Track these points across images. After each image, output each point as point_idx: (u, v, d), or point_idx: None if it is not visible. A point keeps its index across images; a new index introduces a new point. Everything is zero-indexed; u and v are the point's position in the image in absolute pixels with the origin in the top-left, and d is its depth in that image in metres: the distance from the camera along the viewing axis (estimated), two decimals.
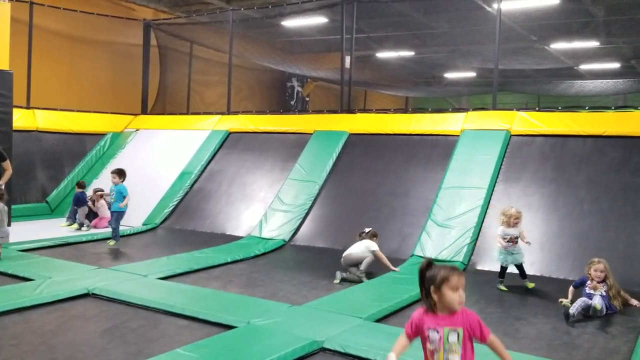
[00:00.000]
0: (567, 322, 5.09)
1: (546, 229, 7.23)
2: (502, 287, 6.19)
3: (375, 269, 6.65)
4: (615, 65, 17.17)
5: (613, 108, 8.99)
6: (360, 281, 6.36)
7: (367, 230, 6.95)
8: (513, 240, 6.14)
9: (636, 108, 8.78)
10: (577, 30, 13.93)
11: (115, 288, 5.63)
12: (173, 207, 9.87)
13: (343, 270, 6.57)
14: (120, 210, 7.97)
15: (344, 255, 6.70)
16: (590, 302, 5.22)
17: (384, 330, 4.65)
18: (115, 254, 7.63)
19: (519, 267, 6.21)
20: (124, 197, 7.93)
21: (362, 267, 6.48)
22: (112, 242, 7.93)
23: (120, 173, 8.09)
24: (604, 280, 5.46)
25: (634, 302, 5.58)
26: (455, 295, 2.68)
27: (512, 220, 6.12)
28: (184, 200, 9.99)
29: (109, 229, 8.94)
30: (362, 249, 6.66)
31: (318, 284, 6.32)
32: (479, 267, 7.08)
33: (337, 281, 6.41)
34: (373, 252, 6.62)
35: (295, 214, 8.78)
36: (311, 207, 8.90)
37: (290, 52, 17.38)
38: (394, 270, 6.68)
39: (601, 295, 5.34)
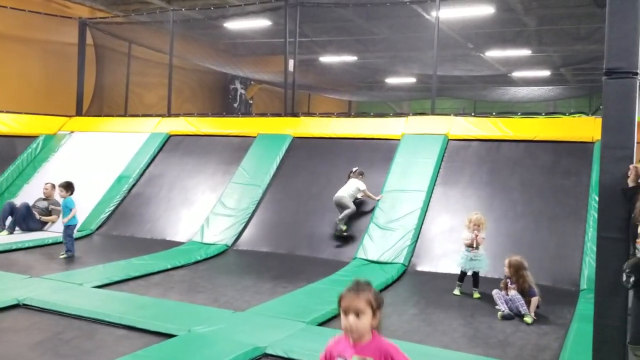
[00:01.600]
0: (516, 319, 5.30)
1: None
2: (457, 292, 6.16)
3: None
4: (546, 73, 17.98)
5: (544, 114, 9.39)
6: (343, 232, 7.87)
7: (354, 169, 8.27)
8: (472, 245, 6.11)
9: (565, 114, 9.20)
10: (511, 39, 14.51)
11: (48, 298, 5.41)
12: (110, 212, 9.56)
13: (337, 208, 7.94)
14: (69, 224, 7.65)
15: (335, 196, 7.98)
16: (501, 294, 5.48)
17: (327, 333, 4.65)
18: (48, 262, 7.33)
19: (475, 274, 6.18)
20: (71, 210, 7.63)
21: (341, 216, 7.88)
22: (63, 255, 7.56)
23: (68, 186, 7.76)
24: (511, 279, 5.50)
25: (528, 316, 5.30)
26: (344, 319, 2.33)
27: (472, 226, 6.10)
28: (122, 206, 9.70)
29: (39, 236, 8.68)
30: (353, 189, 7.99)
31: (261, 288, 6.29)
32: (418, 268, 7.24)
33: (338, 231, 7.87)
34: (362, 191, 8.02)
35: (238, 219, 8.70)
36: (255, 211, 8.84)
37: (234, 54, 17.23)
38: (378, 199, 8.07)
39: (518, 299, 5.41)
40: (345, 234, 7.93)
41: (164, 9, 13.03)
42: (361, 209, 8.27)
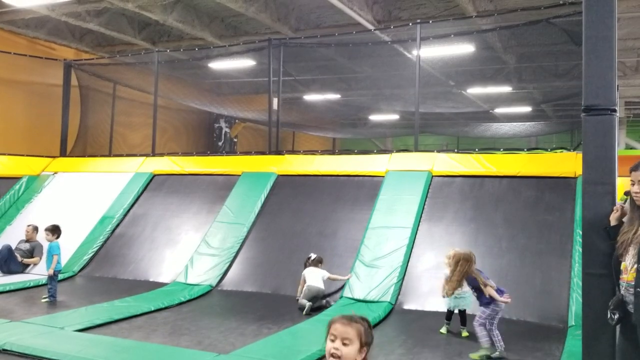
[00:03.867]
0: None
1: None
2: (443, 331, 6.11)
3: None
4: (527, 109, 18.30)
5: (526, 150, 9.52)
6: (329, 306, 7.23)
7: (312, 257, 7.60)
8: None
9: (546, 150, 9.33)
10: (491, 76, 14.82)
11: (28, 342, 5.27)
12: (93, 253, 9.41)
13: (308, 300, 7.08)
14: (54, 270, 7.51)
15: (304, 291, 7.19)
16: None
17: None
18: (29, 305, 7.16)
19: (461, 312, 6.11)
20: (53, 257, 7.49)
21: (325, 300, 7.32)
22: (45, 299, 7.41)
23: (54, 230, 7.64)
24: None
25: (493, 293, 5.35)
26: (330, 344, 2.32)
27: (452, 263, 5.97)
28: (105, 247, 9.55)
29: (21, 279, 8.53)
30: (319, 280, 7.30)
31: (246, 329, 6.19)
32: (405, 307, 7.17)
33: (306, 312, 6.95)
34: (328, 278, 7.41)
35: (222, 258, 8.60)
36: (239, 250, 8.76)
37: (218, 93, 17.38)
38: (347, 279, 7.53)
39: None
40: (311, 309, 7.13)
41: (148, 50, 13.16)
42: (345, 246, 8.23)
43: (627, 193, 3.72)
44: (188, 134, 18.00)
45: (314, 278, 7.28)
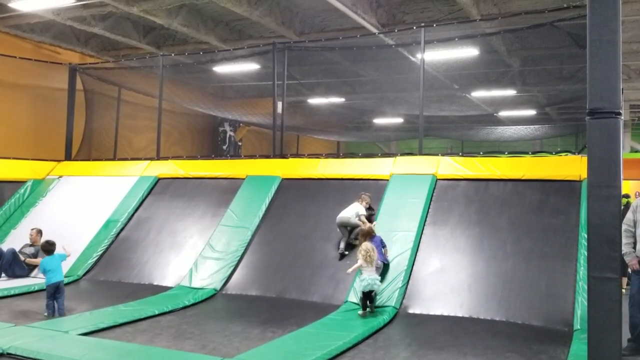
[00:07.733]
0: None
1: (473, 270, 7.44)
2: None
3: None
4: (531, 112, 18.26)
5: (530, 153, 9.47)
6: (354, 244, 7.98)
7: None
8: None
9: (551, 153, 9.29)
10: (496, 80, 14.79)
11: (33, 346, 5.28)
12: (97, 257, 9.43)
13: (342, 237, 8.19)
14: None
15: (338, 217, 8.26)
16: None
17: None
18: (33, 309, 7.17)
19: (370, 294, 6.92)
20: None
21: (354, 235, 8.16)
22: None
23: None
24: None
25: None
26: None
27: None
28: (109, 250, 9.57)
29: (25, 282, 8.56)
30: (353, 214, 8.22)
31: (250, 333, 6.18)
32: (410, 311, 7.14)
33: (343, 251, 8.05)
34: (359, 217, 8.18)
35: (227, 262, 8.60)
36: (243, 253, 8.76)
37: (222, 97, 17.42)
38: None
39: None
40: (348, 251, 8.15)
41: (153, 54, 13.19)
42: (352, 252, 8.21)
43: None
44: (192, 137, 18.04)
45: (346, 210, 8.25)
